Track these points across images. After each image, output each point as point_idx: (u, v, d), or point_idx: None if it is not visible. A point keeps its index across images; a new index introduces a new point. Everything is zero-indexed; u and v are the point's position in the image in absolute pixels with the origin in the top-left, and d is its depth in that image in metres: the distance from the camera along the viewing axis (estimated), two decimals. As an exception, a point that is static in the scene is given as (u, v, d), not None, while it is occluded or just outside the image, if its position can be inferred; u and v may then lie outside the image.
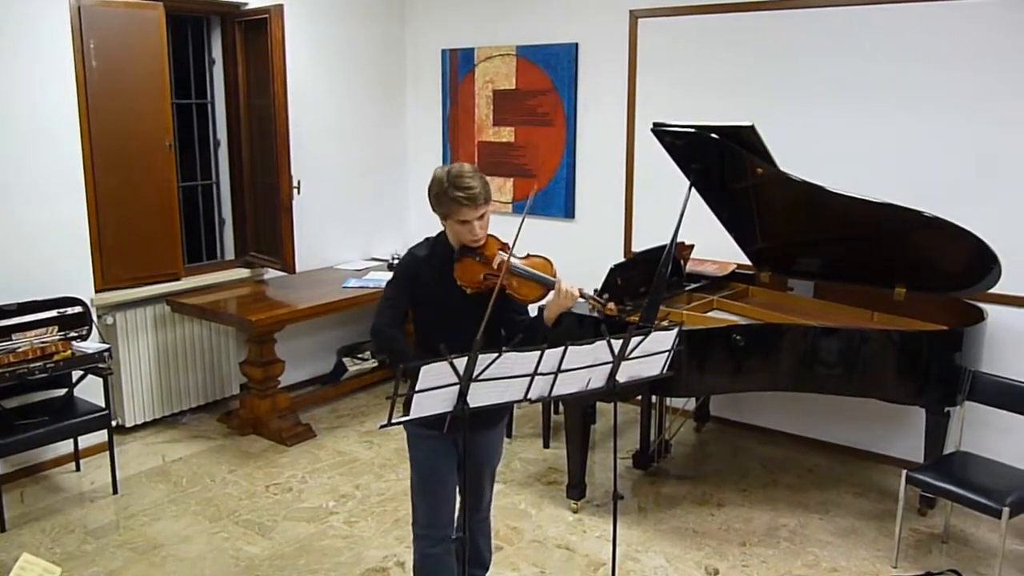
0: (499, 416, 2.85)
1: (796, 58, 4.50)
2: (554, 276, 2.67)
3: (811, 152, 4.35)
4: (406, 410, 2.29)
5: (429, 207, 2.70)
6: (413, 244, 2.79)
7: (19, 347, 3.97)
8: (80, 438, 4.34)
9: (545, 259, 2.73)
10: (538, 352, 2.33)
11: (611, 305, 2.66)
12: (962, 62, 4.04)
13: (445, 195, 2.57)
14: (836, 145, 4.41)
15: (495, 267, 2.63)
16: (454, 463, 2.75)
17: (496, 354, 2.27)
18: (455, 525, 2.82)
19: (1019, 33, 3.90)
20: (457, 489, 2.81)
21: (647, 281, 3.91)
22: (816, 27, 4.42)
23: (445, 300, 2.66)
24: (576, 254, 5.25)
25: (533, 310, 2.79)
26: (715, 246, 4.57)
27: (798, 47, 4.49)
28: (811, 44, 4.45)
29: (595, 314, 2.69)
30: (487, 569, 3.10)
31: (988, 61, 3.98)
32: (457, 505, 2.85)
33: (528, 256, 2.73)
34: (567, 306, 2.62)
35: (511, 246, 2.65)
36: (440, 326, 2.62)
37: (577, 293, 2.61)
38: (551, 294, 2.63)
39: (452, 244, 2.69)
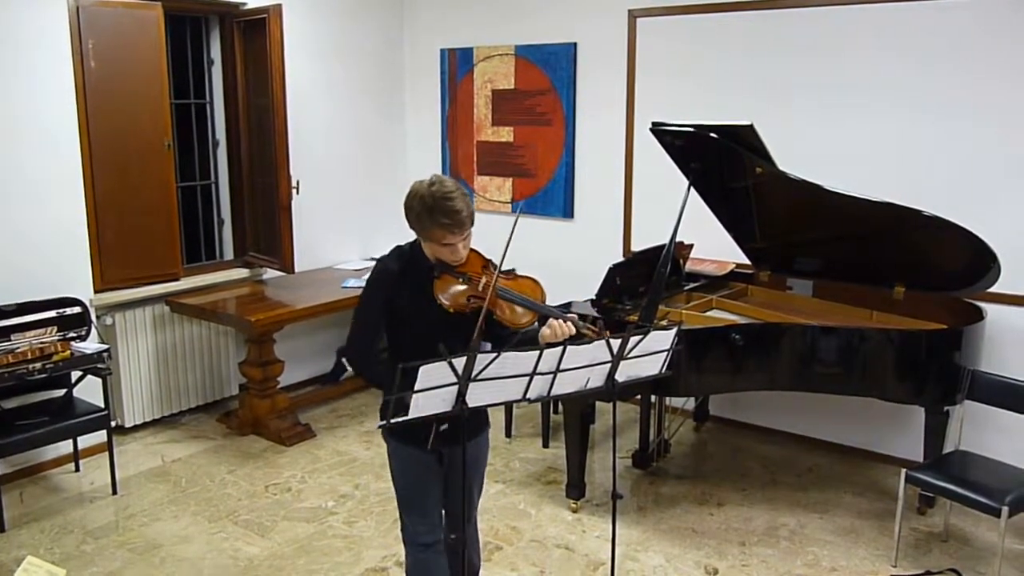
0: (482, 425, 2.76)
1: (795, 57, 4.50)
2: (544, 301, 2.55)
3: (811, 151, 4.35)
4: (400, 412, 2.27)
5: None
6: (384, 255, 2.62)
7: (18, 347, 3.97)
8: (79, 438, 4.34)
9: (533, 281, 2.60)
10: (537, 352, 2.32)
11: (607, 332, 2.55)
12: (963, 62, 4.04)
13: (429, 217, 2.40)
14: (836, 144, 4.41)
15: (480, 289, 2.49)
16: (437, 474, 2.68)
17: (495, 354, 2.26)
18: (443, 531, 2.79)
19: (1019, 32, 3.90)
20: (440, 499, 2.73)
21: (646, 281, 3.91)
22: (816, 26, 4.42)
23: (422, 318, 2.51)
24: (575, 254, 5.27)
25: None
26: (714, 245, 4.57)
27: (797, 46, 4.49)
28: (811, 43, 4.45)
29: (587, 341, 2.56)
30: (477, 574, 3.07)
31: (988, 60, 3.98)
32: (441, 513, 2.78)
33: (515, 276, 2.60)
34: (559, 339, 2.49)
35: (498, 266, 2.50)
36: (417, 345, 2.43)
37: (572, 331, 2.49)
38: (545, 329, 2.50)
39: (429, 257, 2.53)
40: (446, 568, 2.75)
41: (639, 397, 4.50)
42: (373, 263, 6.14)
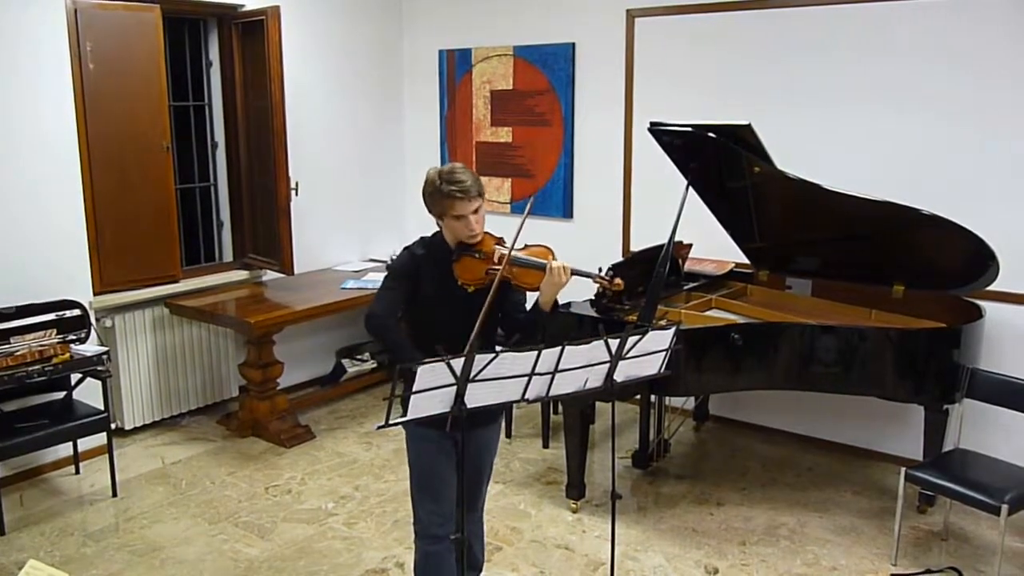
0: (496, 414, 2.86)
1: (794, 57, 4.50)
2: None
3: (809, 150, 4.36)
4: (404, 411, 2.29)
5: (426, 209, 2.74)
6: (409, 244, 2.80)
7: (17, 350, 3.96)
8: (79, 441, 4.34)
9: (545, 247, 2.75)
10: (535, 352, 2.33)
11: (617, 280, 2.69)
12: (961, 60, 4.04)
13: (439, 192, 2.61)
14: (834, 143, 4.41)
15: (496, 260, 2.65)
16: (453, 462, 2.74)
17: (493, 355, 2.27)
18: (455, 523, 2.82)
19: (1017, 31, 3.90)
20: (455, 487, 2.80)
21: (645, 280, 3.91)
22: (814, 26, 4.42)
23: (445, 300, 2.67)
24: (574, 254, 5.17)
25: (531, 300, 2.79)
26: (713, 245, 4.57)
27: (796, 46, 4.49)
28: (809, 43, 4.45)
29: (600, 291, 2.69)
30: (480, 571, 3.11)
31: (986, 59, 3.98)
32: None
33: (527, 247, 2.74)
34: (560, 284, 2.62)
35: (512, 241, 2.65)
36: (439, 326, 2.62)
37: (568, 269, 2.61)
38: (544, 277, 2.63)
39: (449, 243, 2.71)
40: (454, 566, 2.76)
41: (639, 397, 4.50)
42: (373, 264, 6.20)
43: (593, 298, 4.01)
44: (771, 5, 4.53)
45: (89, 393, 4.26)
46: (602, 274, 2.72)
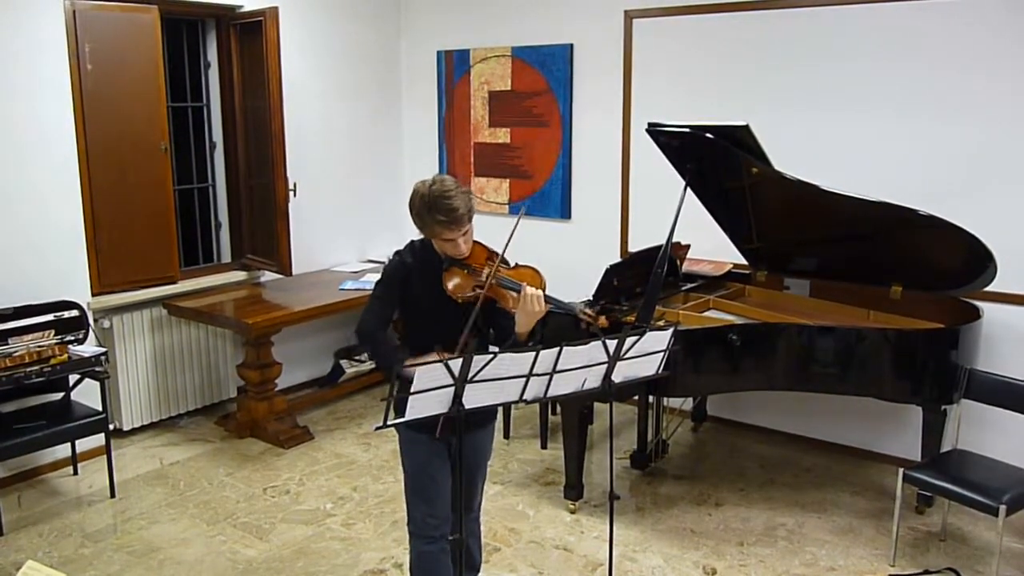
0: (490, 416, 2.86)
1: (791, 58, 4.51)
2: (543, 289, 2.60)
3: (807, 151, 4.37)
4: (400, 412, 2.29)
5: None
6: (400, 248, 2.75)
7: (15, 351, 3.96)
8: (77, 442, 4.34)
9: (533, 269, 2.67)
10: (533, 353, 2.33)
11: (603, 319, 2.65)
12: (960, 62, 4.04)
13: (428, 214, 2.52)
14: (832, 144, 4.42)
15: (483, 278, 2.61)
16: (447, 463, 2.75)
17: (491, 356, 2.27)
18: (450, 524, 2.82)
19: (1017, 32, 3.91)
20: (450, 489, 2.79)
21: (643, 281, 3.91)
22: (811, 27, 4.42)
23: (434, 307, 2.64)
24: (572, 254, 5.28)
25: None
26: (711, 246, 4.57)
27: (793, 47, 4.50)
28: (806, 44, 4.45)
29: (583, 325, 2.65)
30: (478, 571, 3.11)
31: (986, 61, 3.98)
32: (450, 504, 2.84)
33: (516, 266, 2.69)
34: (534, 313, 2.54)
35: (500, 255, 2.62)
36: (430, 331, 2.62)
37: (541, 298, 2.53)
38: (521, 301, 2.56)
39: (438, 252, 2.66)
40: (450, 566, 2.77)
41: (637, 398, 4.50)
42: (371, 265, 6.19)
43: (591, 299, 3.98)
44: (768, 6, 4.53)
45: (87, 394, 4.25)
46: (586, 309, 2.64)
